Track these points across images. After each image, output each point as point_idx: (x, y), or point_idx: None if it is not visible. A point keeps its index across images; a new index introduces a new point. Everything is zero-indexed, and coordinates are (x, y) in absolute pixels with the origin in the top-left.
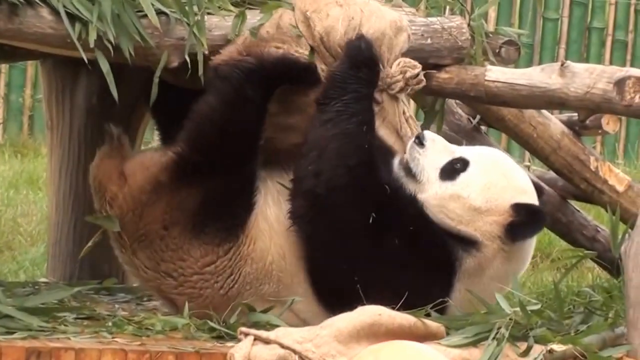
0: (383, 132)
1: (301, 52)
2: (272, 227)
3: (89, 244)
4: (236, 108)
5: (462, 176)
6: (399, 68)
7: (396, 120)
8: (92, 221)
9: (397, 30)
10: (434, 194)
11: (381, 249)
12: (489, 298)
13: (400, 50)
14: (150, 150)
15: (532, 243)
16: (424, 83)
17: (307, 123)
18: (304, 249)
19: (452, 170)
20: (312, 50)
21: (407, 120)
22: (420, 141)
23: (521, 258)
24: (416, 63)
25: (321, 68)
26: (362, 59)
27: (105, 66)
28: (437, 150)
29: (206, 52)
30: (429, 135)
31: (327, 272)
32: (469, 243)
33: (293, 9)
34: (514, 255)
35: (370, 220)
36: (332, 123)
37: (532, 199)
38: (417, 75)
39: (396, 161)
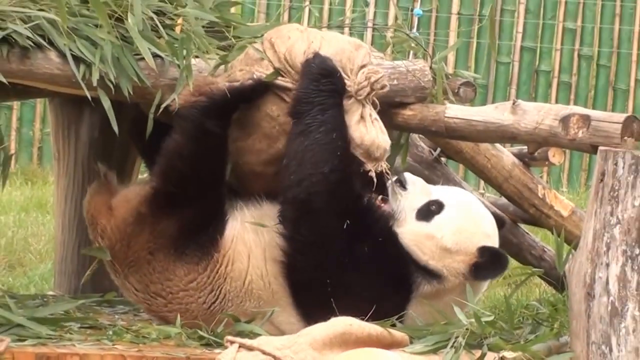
0: (357, 133)
1: (262, 71)
2: (251, 251)
3: (88, 272)
4: (199, 141)
5: (437, 218)
6: (364, 75)
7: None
8: (86, 253)
9: (357, 46)
10: (409, 231)
11: (351, 256)
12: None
13: (362, 61)
14: (136, 183)
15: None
16: (387, 88)
17: (266, 142)
18: (286, 255)
19: (428, 211)
20: (277, 71)
21: (373, 122)
22: (401, 184)
23: (478, 290)
24: (379, 69)
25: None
26: (319, 72)
27: (106, 103)
28: (416, 192)
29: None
30: (410, 178)
31: (305, 278)
32: (433, 275)
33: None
34: (472, 288)
35: (345, 226)
36: (304, 135)
37: (495, 242)
38: (380, 79)
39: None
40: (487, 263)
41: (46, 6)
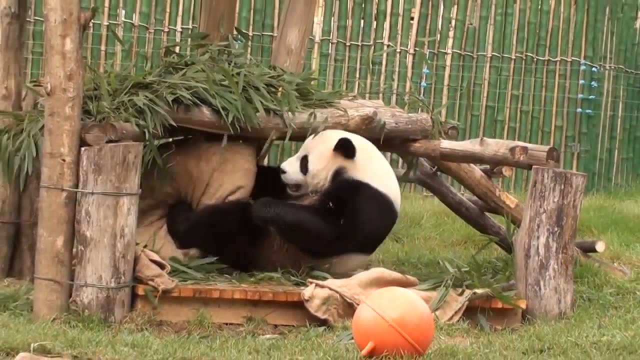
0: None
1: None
2: None
3: None
4: None
5: (309, 164)
6: None
7: None
8: None
9: None
10: (311, 182)
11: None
12: None
13: None
14: None
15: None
16: None
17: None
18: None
19: (303, 166)
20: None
21: None
22: (283, 170)
23: None
24: None
25: None
26: None
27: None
28: (292, 165)
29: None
30: (284, 164)
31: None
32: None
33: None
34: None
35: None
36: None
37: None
38: None
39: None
40: (341, 144)
41: (200, 79)
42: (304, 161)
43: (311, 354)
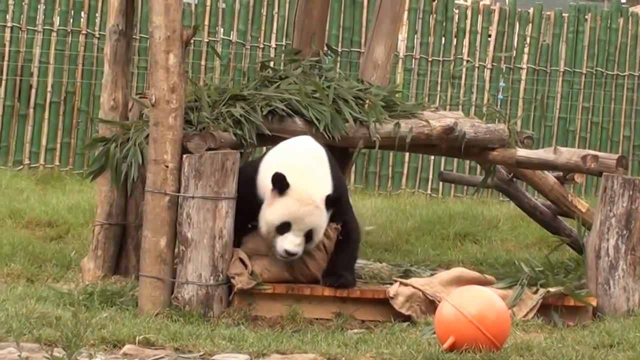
0: None
1: None
2: None
3: None
4: None
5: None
6: None
7: None
8: None
9: None
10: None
11: None
12: None
13: None
14: None
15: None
16: None
17: None
18: None
19: (310, 237)
20: None
21: None
22: (293, 253)
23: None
24: None
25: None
26: None
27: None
28: (299, 245)
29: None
30: (292, 248)
31: None
32: None
33: None
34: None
35: None
36: None
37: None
38: None
39: None
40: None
41: (293, 91)
42: (309, 234)
43: (395, 348)
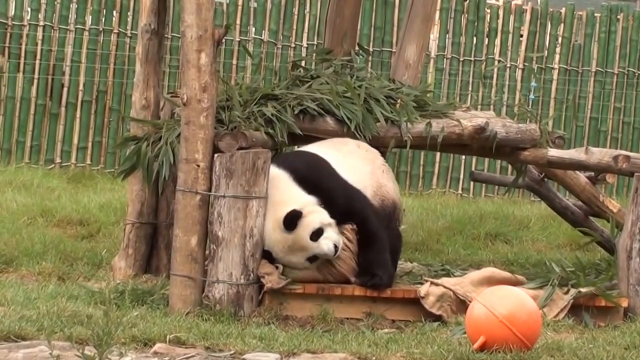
0: None
1: None
2: None
3: None
4: None
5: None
6: None
7: None
8: None
9: None
10: None
11: None
12: None
13: None
14: None
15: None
16: None
17: None
18: None
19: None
20: None
21: None
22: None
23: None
24: None
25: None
26: None
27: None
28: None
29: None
30: (336, 241)
31: None
32: None
33: None
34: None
35: None
36: None
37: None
38: None
39: None
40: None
41: (325, 91)
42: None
43: (426, 348)
